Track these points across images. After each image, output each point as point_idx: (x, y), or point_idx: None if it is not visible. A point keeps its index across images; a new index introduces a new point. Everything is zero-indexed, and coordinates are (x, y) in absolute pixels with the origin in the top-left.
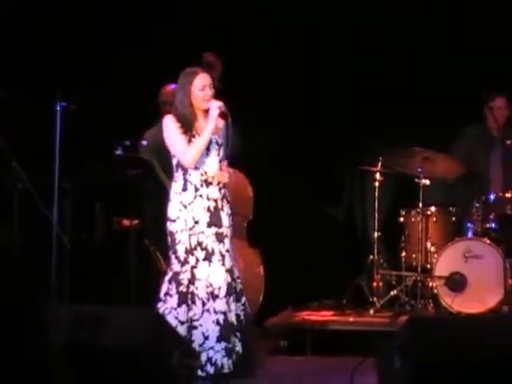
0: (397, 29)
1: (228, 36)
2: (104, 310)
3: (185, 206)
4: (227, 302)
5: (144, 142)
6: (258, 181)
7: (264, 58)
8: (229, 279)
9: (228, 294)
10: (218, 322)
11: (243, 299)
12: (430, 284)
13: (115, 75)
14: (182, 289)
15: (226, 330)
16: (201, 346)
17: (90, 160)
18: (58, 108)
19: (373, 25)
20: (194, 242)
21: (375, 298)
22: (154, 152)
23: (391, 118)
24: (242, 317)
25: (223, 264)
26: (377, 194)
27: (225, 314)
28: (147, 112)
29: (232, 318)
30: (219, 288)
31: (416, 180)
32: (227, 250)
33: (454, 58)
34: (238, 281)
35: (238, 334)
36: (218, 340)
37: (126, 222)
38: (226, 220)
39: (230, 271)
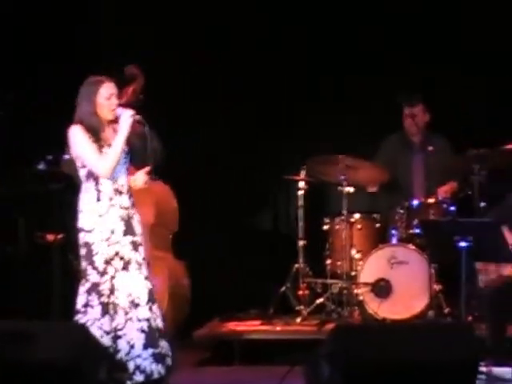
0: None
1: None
2: (30, 325)
3: (100, 216)
4: (150, 309)
5: (66, 156)
6: (184, 192)
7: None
8: (149, 286)
9: (150, 301)
10: (142, 330)
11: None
12: (356, 291)
13: (40, 87)
14: (104, 299)
15: (151, 337)
16: (127, 355)
17: (12, 174)
18: None
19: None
20: (111, 252)
21: (302, 307)
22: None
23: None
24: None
25: (141, 272)
26: (301, 202)
27: (148, 320)
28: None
29: (158, 323)
30: (139, 296)
31: (339, 188)
32: (143, 259)
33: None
34: (153, 289)
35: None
36: (145, 347)
37: (49, 237)
38: (138, 228)
39: (148, 279)
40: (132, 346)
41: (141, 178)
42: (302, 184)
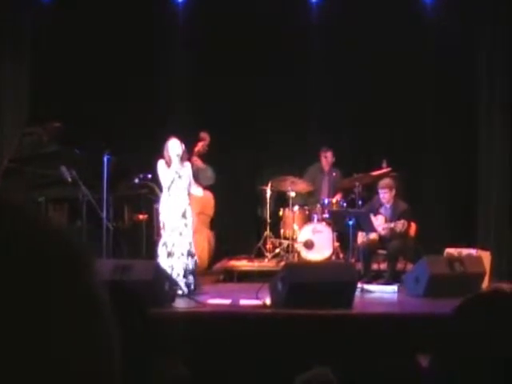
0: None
1: None
2: (129, 261)
3: (169, 207)
4: (190, 255)
5: (149, 175)
6: (219, 196)
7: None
8: (191, 242)
9: (190, 251)
10: (185, 267)
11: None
12: (296, 246)
13: None
14: (169, 249)
15: (187, 271)
16: (177, 277)
17: (122, 184)
18: None
19: None
20: (173, 224)
21: (268, 254)
22: None
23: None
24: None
25: (186, 238)
26: (269, 199)
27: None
28: None
29: (193, 263)
30: (186, 248)
31: (287, 193)
32: (190, 229)
33: None
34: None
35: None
36: (184, 276)
37: (140, 216)
38: (189, 214)
39: (191, 241)
40: (178, 274)
41: (199, 190)
42: (269, 190)
